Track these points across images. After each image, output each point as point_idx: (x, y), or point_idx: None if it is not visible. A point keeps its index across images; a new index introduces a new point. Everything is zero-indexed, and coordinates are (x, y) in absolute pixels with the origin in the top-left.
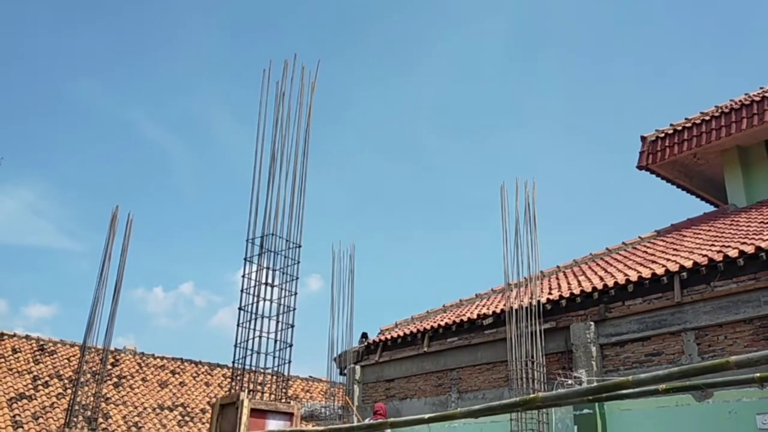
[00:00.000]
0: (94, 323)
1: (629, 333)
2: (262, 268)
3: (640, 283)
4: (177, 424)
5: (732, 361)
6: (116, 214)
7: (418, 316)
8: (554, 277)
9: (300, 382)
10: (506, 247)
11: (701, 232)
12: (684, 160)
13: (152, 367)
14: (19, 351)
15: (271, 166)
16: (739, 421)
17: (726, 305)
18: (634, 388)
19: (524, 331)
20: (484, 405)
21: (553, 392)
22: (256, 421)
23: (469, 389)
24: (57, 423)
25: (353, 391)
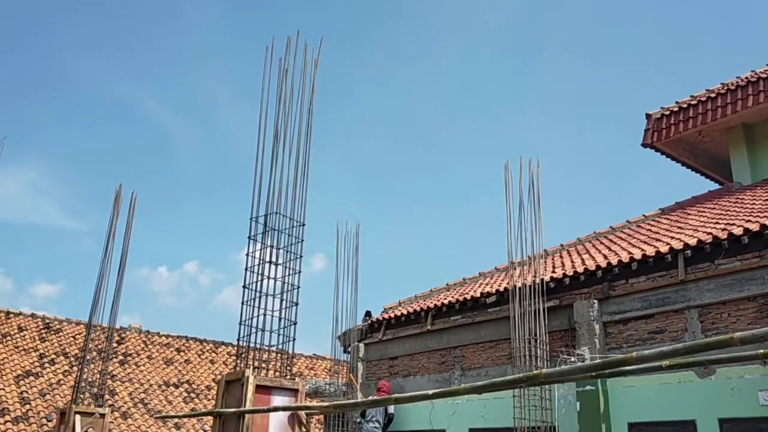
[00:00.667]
0: (99, 301)
1: (632, 311)
2: (265, 246)
3: (644, 261)
4: (183, 400)
5: (736, 337)
6: (120, 193)
7: (421, 294)
8: (558, 256)
9: (304, 360)
10: (510, 226)
11: (706, 210)
12: (689, 138)
13: (157, 345)
14: (25, 329)
15: (275, 144)
16: (741, 397)
17: (730, 283)
18: (638, 364)
19: (527, 309)
20: (488, 381)
21: (556, 368)
22: (261, 397)
23: (472, 367)
24: (64, 400)
25: (357, 369)
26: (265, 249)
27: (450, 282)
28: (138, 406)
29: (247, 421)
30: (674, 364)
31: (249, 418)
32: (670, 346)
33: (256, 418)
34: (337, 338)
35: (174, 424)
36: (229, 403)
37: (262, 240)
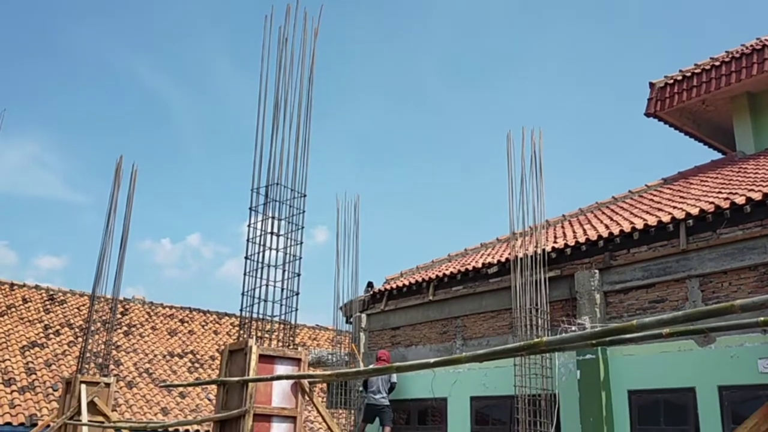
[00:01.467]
0: (102, 273)
1: (633, 280)
2: (267, 217)
3: (646, 231)
4: (187, 370)
5: (737, 304)
6: (120, 165)
7: (423, 265)
8: (559, 226)
9: (307, 331)
10: (512, 196)
11: (708, 180)
12: (692, 107)
13: (161, 316)
14: (30, 301)
15: (275, 114)
16: (740, 365)
17: (731, 252)
18: (638, 332)
19: (529, 280)
20: (489, 350)
21: (557, 336)
22: (264, 366)
23: (473, 336)
24: (69, 370)
25: (359, 339)
26: (267, 220)
27: (451, 253)
28: (143, 376)
29: (251, 389)
30: (674, 332)
31: (252, 386)
32: (671, 314)
33: (260, 386)
34: (339, 309)
35: (179, 393)
36: (232, 372)
37: (264, 211)
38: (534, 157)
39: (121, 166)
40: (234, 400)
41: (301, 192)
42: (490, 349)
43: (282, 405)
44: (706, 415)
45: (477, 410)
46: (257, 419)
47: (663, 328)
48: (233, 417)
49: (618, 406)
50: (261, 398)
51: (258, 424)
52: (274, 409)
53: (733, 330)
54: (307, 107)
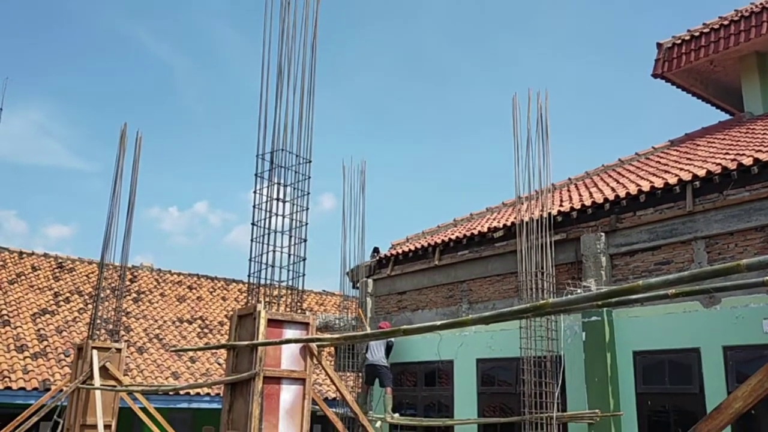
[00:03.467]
0: (110, 240)
1: (639, 243)
2: (273, 183)
3: (652, 193)
4: (196, 335)
5: (743, 264)
6: (125, 132)
7: (429, 230)
8: (565, 190)
9: (314, 296)
10: (518, 160)
11: (716, 141)
12: (700, 68)
13: (169, 283)
14: (39, 269)
15: (279, 79)
16: (745, 326)
17: (738, 213)
18: (644, 292)
19: (534, 243)
20: (495, 312)
21: (562, 298)
22: (272, 330)
23: (479, 300)
24: (80, 336)
25: (366, 304)
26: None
27: (457, 218)
28: (153, 342)
29: (260, 353)
30: (680, 292)
31: (262, 350)
32: (677, 274)
33: (269, 350)
34: (345, 274)
35: (189, 357)
36: (242, 336)
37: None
38: (540, 120)
39: (125, 134)
40: (244, 363)
41: (307, 158)
42: (496, 312)
43: (291, 368)
44: (711, 374)
45: (483, 372)
46: (267, 381)
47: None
48: (244, 379)
49: (623, 367)
50: (270, 361)
51: (268, 386)
52: (284, 371)
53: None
54: (311, 72)
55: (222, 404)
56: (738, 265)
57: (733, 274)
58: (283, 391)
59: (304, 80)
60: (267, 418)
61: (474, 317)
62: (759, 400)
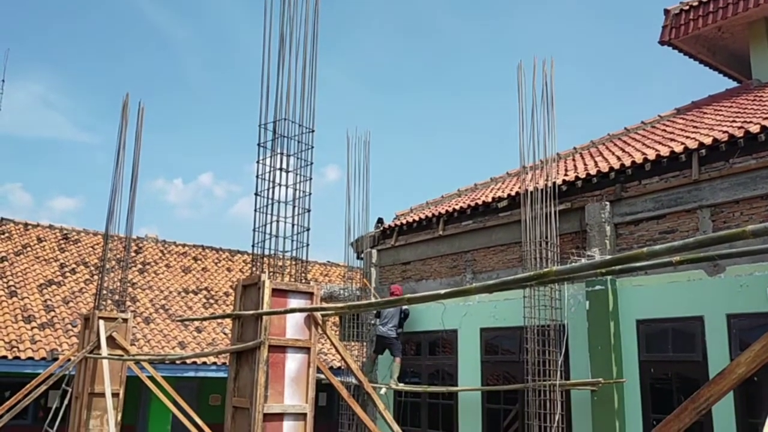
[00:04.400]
0: (114, 212)
1: (644, 211)
2: (276, 153)
3: (658, 162)
4: (202, 306)
5: (748, 230)
6: (127, 103)
7: (433, 200)
8: (570, 159)
9: (318, 267)
10: (522, 129)
11: (722, 109)
12: (708, 34)
13: (174, 254)
14: (44, 240)
15: (281, 47)
16: (750, 294)
17: (744, 181)
18: (648, 259)
19: (539, 213)
20: (499, 280)
21: (567, 266)
22: (277, 300)
23: (483, 270)
24: (87, 307)
25: (370, 274)
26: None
27: (461, 188)
28: (159, 312)
29: (265, 322)
30: (685, 260)
31: (267, 319)
32: (682, 241)
33: (274, 319)
34: (350, 245)
35: (195, 327)
36: (247, 306)
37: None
38: (545, 88)
39: (127, 104)
40: (249, 332)
41: (310, 127)
42: (500, 280)
43: (296, 337)
44: (714, 342)
45: (487, 341)
46: (272, 350)
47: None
48: (249, 348)
49: (626, 335)
50: (275, 331)
51: (273, 355)
52: (289, 340)
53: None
54: (314, 40)
55: (228, 373)
56: (744, 232)
57: (739, 240)
58: (288, 360)
59: (307, 48)
60: (272, 386)
61: (478, 285)
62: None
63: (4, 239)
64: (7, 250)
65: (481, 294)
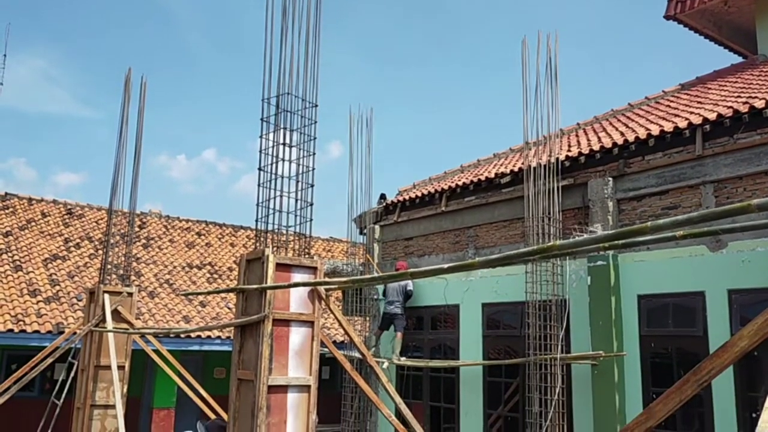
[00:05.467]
0: (118, 187)
1: (647, 187)
2: (279, 128)
3: (662, 137)
4: (206, 281)
5: (753, 204)
6: (129, 77)
7: (435, 176)
8: (573, 135)
9: (321, 243)
10: (526, 104)
11: (727, 84)
12: (714, 8)
13: (178, 230)
14: (49, 215)
15: (283, 21)
16: (752, 270)
17: (748, 157)
18: (652, 233)
19: (541, 189)
20: (502, 254)
21: (570, 240)
22: (281, 274)
23: (485, 246)
24: (92, 281)
25: (373, 250)
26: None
27: (464, 163)
28: (164, 286)
29: (269, 296)
30: (688, 234)
31: (271, 293)
32: (685, 215)
33: (278, 293)
34: (352, 221)
35: (199, 302)
36: (250, 280)
37: (275, 122)
38: (549, 63)
39: (130, 79)
40: (253, 306)
41: (313, 102)
42: (503, 254)
43: (300, 311)
44: (715, 317)
45: (488, 316)
46: (276, 324)
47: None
48: (253, 322)
49: (627, 310)
50: (279, 305)
51: (277, 328)
52: (293, 314)
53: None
54: (317, 13)
55: (233, 346)
56: (748, 206)
57: (743, 214)
58: (292, 333)
59: (309, 21)
60: (277, 359)
61: (481, 260)
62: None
63: (8, 214)
64: (11, 225)
65: (484, 270)
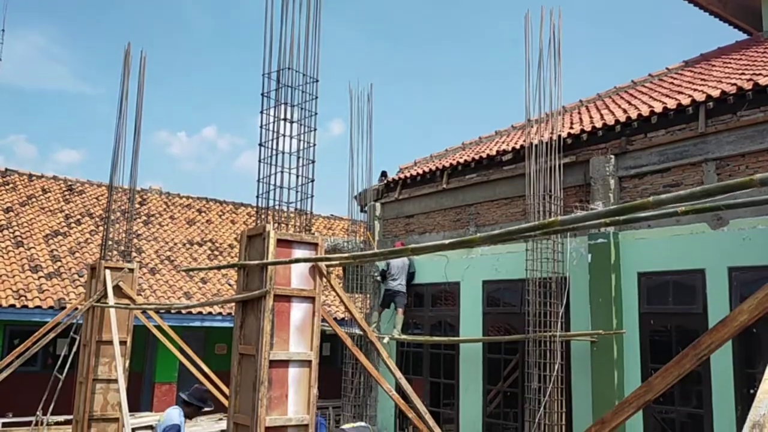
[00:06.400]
0: (118, 163)
1: (649, 165)
2: (279, 103)
3: (664, 114)
4: (207, 257)
5: (756, 178)
6: (129, 52)
7: (437, 154)
8: (576, 112)
9: (322, 221)
10: (528, 81)
11: (732, 61)
12: None
13: (179, 206)
14: (49, 191)
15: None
16: (753, 247)
17: (751, 134)
18: (654, 208)
19: (543, 167)
20: (503, 230)
21: (571, 215)
22: (282, 250)
23: (486, 223)
24: (93, 257)
25: (374, 228)
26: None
27: (465, 141)
28: (165, 263)
29: (270, 272)
30: (690, 210)
31: (272, 269)
32: (688, 190)
33: (279, 269)
34: (353, 198)
35: (200, 278)
36: (251, 256)
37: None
38: (552, 39)
39: (129, 53)
40: (254, 282)
41: (314, 77)
42: (504, 230)
43: (301, 287)
44: (715, 295)
45: (489, 293)
46: (277, 299)
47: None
48: (254, 297)
49: (627, 288)
50: (280, 280)
51: (279, 304)
52: (294, 290)
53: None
54: None
55: (234, 321)
56: (751, 180)
57: (746, 189)
58: (293, 309)
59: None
60: (278, 334)
61: (482, 235)
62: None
63: (8, 190)
64: (12, 201)
65: (484, 247)
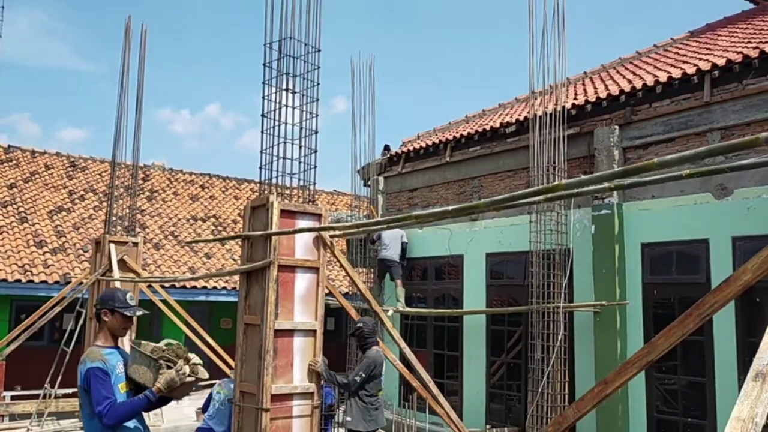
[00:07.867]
0: (120, 138)
1: (654, 135)
2: (281, 74)
3: (669, 84)
4: (211, 233)
5: (761, 137)
6: (129, 26)
7: (440, 127)
8: (580, 84)
9: (325, 196)
10: (532, 53)
11: (737, 31)
12: None
13: (182, 182)
14: (52, 167)
15: None
16: (757, 216)
17: (757, 103)
18: (658, 170)
19: (547, 138)
20: (506, 195)
21: (575, 179)
22: (285, 221)
23: (490, 196)
24: (97, 233)
25: (377, 201)
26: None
27: (469, 114)
28: (168, 238)
29: (274, 242)
30: (695, 173)
31: (276, 239)
32: (692, 150)
33: (283, 240)
34: (356, 172)
35: (205, 253)
36: (255, 227)
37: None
38: (556, 10)
39: (130, 27)
40: (259, 252)
41: (316, 46)
42: (507, 195)
43: (305, 257)
44: (718, 264)
45: (492, 265)
46: (282, 270)
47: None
48: (259, 268)
49: (630, 258)
50: (284, 251)
51: (283, 274)
52: (298, 260)
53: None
54: None
55: (239, 292)
56: (757, 139)
57: (752, 148)
58: (297, 279)
59: None
60: (282, 304)
61: (486, 201)
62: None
63: (12, 166)
64: (15, 177)
65: (488, 220)
